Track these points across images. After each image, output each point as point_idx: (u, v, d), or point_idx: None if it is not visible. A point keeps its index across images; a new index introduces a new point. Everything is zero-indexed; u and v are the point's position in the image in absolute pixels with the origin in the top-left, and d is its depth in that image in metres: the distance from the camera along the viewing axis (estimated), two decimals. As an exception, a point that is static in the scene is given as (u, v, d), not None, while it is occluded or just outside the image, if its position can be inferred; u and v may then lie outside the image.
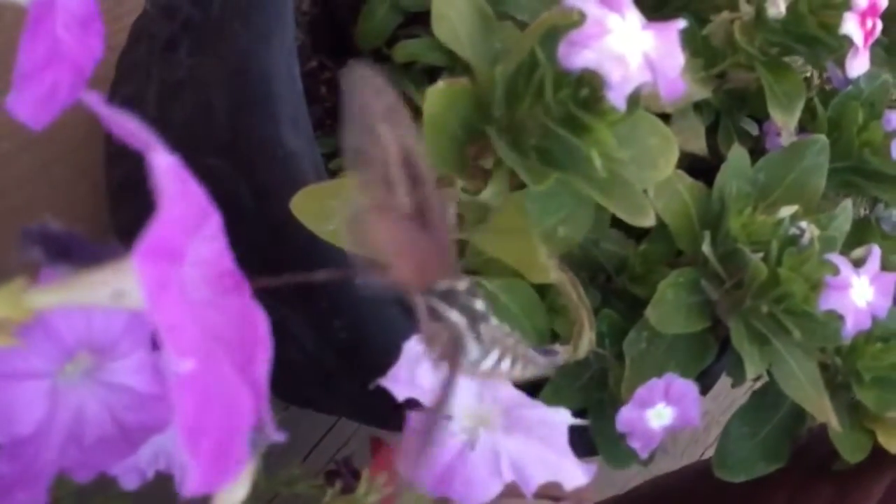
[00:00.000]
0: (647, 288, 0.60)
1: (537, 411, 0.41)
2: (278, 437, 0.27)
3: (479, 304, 0.31)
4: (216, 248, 0.24)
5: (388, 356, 0.42)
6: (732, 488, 0.67)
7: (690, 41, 0.61)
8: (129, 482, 0.40)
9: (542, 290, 0.60)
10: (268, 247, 0.53)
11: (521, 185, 0.53)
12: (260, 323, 0.26)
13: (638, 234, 0.65)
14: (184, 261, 0.22)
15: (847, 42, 0.55)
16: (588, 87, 0.41)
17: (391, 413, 0.43)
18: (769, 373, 0.63)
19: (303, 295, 0.56)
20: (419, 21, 0.65)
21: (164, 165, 0.21)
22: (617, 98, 0.39)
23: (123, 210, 0.68)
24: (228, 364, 0.23)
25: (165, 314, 0.20)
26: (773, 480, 0.65)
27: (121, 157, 0.67)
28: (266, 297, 0.32)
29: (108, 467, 0.37)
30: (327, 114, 0.70)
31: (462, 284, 0.30)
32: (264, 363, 0.26)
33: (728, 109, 0.70)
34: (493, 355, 0.33)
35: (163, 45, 0.62)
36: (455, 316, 0.30)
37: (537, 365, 0.37)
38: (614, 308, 0.61)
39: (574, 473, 0.40)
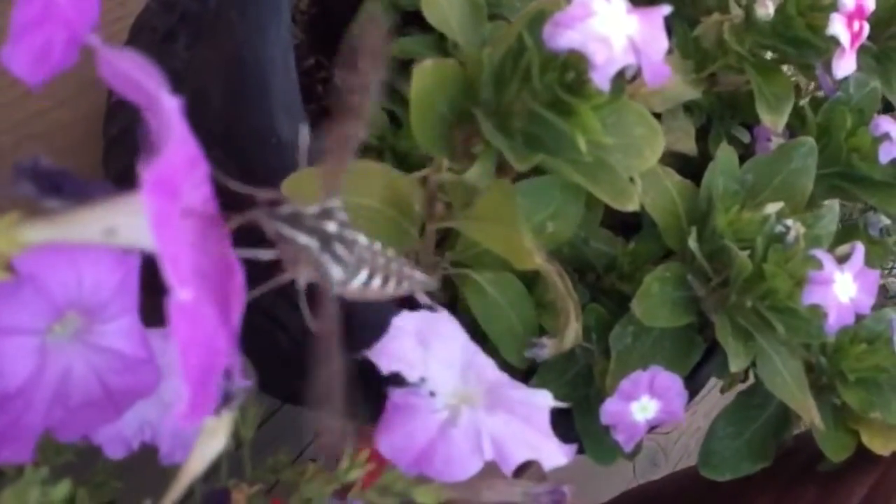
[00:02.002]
0: (635, 286, 0.60)
1: (520, 392, 0.41)
2: (245, 383, 0.27)
3: (331, 226, 0.31)
4: (203, 194, 0.25)
5: (374, 343, 0.42)
6: (719, 490, 0.68)
7: (681, 43, 0.62)
8: (115, 451, 0.40)
9: (531, 285, 0.60)
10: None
11: (515, 178, 0.55)
12: (237, 273, 0.27)
13: (627, 234, 0.65)
14: (181, 200, 0.22)
15: (834, 44, 0.56)
16: (574, 70, 0.42)
17: (378, 409, 0.43)
18: (755, 374, 0.64)
19: (290, 281, 0.57)
20: (416, 20, 0.66)
21: (173, 105, 0.22)
22: (601, 79, 0.40)
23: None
24: (210, 304, 0.24)
25: (168, 245, 0.21)
26: (759, 482, 0.65)
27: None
28: (253, 282, 0.32)
29: (93, 430, 0.37)
30: (323, 112, 0.70)
31: (311, 209, 0.30)
32: (238, 311, 0.27)
33: (720, 116, 0.71)
34: (362, 275, 0.33)
35: (162, 38, 0.63)
36: (303, 238, 0.30)
37: (413, 281, 0.37)
38: (602, 305, 0.62)
39: (554, 453, 0.41)
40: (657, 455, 1.21)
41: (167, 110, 0.21)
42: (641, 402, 0.55)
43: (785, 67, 0.64)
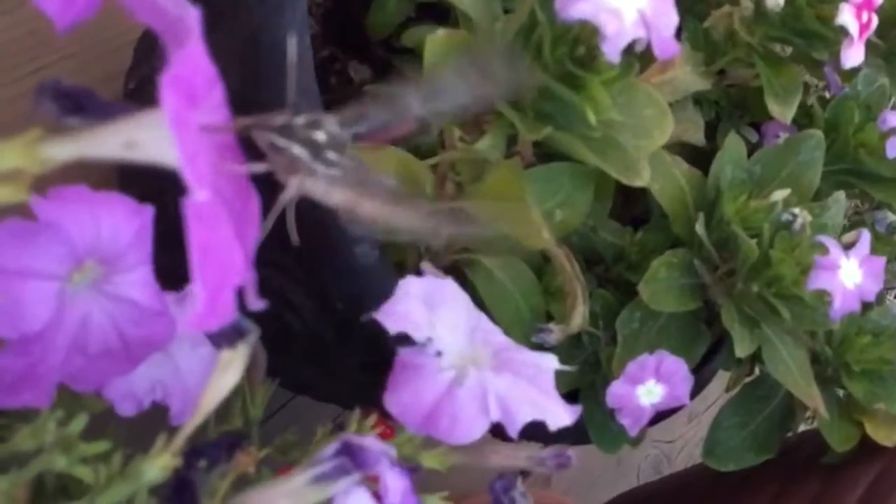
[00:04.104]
0: (642, 275, 0.61)
1: (525, 354, 0.42)
2: (258, 304, 0.28)
3: (321, 136, 0.31)
4: (220, 117, 0.26)
5: (383, 328, 0.43)
6: (724, 483, 0.68)
7: (692, 35, 0.63)
8: (126, 409, 0.41)
9: (539, 273, 0.61)
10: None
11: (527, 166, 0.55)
12: (252, 199, 0.28)
13: (635, 226, 0.66)
14: (198, 110, 0.23)
15: (843, 34, 0.57)
16: (584, 45, 0.43)
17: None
18: (761, 366, 0.64)
19: (303, 264, 0.58)
20: (429, 12, 0.67)
21: (193, 16, 0.23)
22: (611, 51, 0.40)
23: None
24: (227, 220, 0.25)
25: (186, 145, 0.21)
26: (762, 474, 0.66)
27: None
28: (266, 266, 0.33)
29: (109, 380, 0.38)
30: (337, 104, 0.71)
31: (300, 119, 0.31)
32: (253, 237, 0.27)
33: (728, 114, 0.72)
34: None
35: (180, 24, 0.64)
36: (296, 149, 0.31)
37: None
38: (610, 294, 0.63)
39: (559, 414, 0.41)
40: (661, 463, 1.21)
41: (187, 21, 0.22)
42: (647, 386, 0.56)
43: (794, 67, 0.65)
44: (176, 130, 0.21)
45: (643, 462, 1.19)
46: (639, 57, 0.47)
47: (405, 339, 0.42)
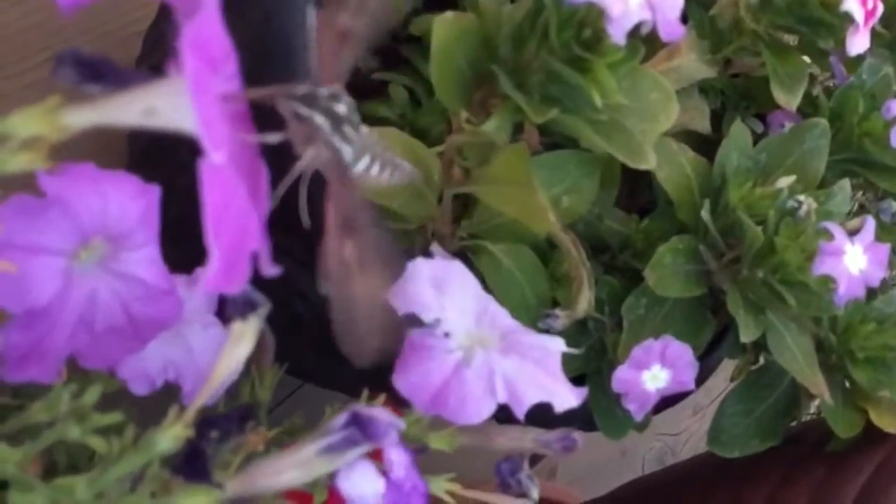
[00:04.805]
0: (648, 263, 0.61)
1: (532, 337, 0.42)
2: (272, 270, 0.28)
3: (342, 108, 0.32)
4: (234, 87, 0.26)
5: None
6: (729, 470, 0.68)
7: (697, 23, 0.63)
8: (139, 388, 0.41)
9: (545, 259, 0.61)
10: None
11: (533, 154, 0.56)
12: (264, 174, 0.28)
13: (641, 214, 0.66)
14: (216, 77, 0.23)
15: (848, 21, 0.57)
16: (591, 28, 0.43)
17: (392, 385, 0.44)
18: (766, 355, 0.65)
19: (311, 247, 0.58)
20: (436, 2, 0.68)
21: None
22: (616, 33, 0.41)
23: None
24: (242, 186, 0.25)
25: (204, 108, 0.22)
26: (767, 462, 0.66)
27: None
28: (274, 251, 0.33)
29: (118, 358, 0.38)
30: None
31: (324, 91, 0.31)
32: (264, 209, 0.28)
33: (734, 104, 0.72)
34: (365, 160, 0.34)
35: (188, 13, 0.64)
36: (319, 119, 0.31)
37: (403, 171, 0.38)
38: (616, 279, 0.63)
39: (566, 395, 0.41)
40: (666, 456, 1.21)
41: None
42: (653, 371, 0.56)
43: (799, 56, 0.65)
44: (195, 92, 0.21)
45: (648, 455, 1.19)
46: (645, 44, 0.47)
47: (414, 321, 0.42)
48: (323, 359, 0.70)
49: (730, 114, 0.71)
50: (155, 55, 0.70)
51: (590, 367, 0.62)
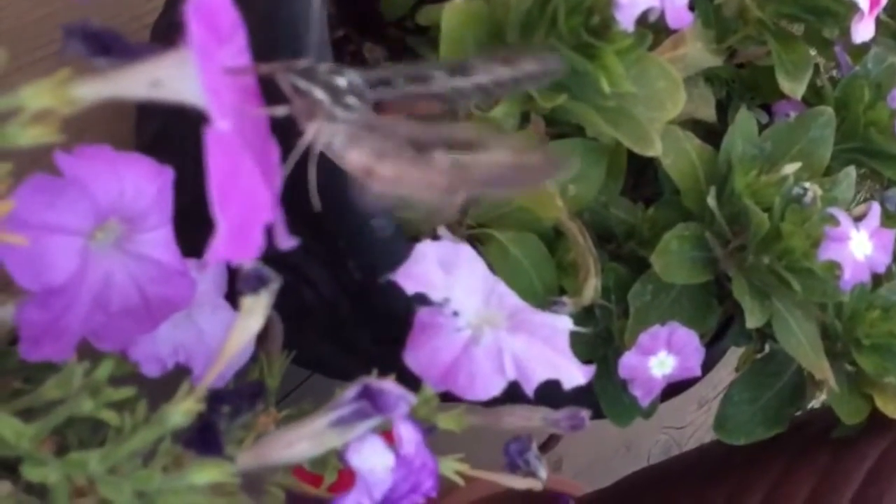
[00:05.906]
0: (653, 250, 0.62)
1: (540, 316, 0.43)
2: (289, 242, 0.29)
3: (342, 81, 0.32)
4: (242, 62, 0.26)
5: (398, 300, 0.43)
6: (735, 457, 0.69)
7: (703, 13, 0.63)
8: (151, 370, 0.42)
9: (552, 248, 0.62)
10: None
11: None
12: (274, 150, 0.28)
13: (647, 203, 0.67)
14: (222, 49, 0.24)
15: (853, 9, 0.57)
16: (599, 14, 0.44)
17: (402, 371, 0.44)
18: (771, 343, 0.65)
19: (319, 235, 0.58)
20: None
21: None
22: (625, 19, 0.41)
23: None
24: (251, 159, 0.25)
25: (209, 76, 0.22)
26: (772, 449, 0.66)
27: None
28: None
29: (131, 338, 0.39)
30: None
31: (323, 66, 0.31)
32: (275, 186, 0.28)
33: (739, 94, 0.73)
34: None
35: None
36: (318, 92, 0.31)
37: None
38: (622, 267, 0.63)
39: (574, 373, 0.42)
40: (671, 449, 1.22)
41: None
42: (659, 357, 0.57)
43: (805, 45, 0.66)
44: (199, 58, 0.22)
45: (653, 448, 1.20)
46: (651, 33, 0.48)
47: (422, 301, 0.42)
48: (331, 347, 0.71)
49: (735, 103, 0.72)
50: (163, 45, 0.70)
51: (596, 355, 0.62)
